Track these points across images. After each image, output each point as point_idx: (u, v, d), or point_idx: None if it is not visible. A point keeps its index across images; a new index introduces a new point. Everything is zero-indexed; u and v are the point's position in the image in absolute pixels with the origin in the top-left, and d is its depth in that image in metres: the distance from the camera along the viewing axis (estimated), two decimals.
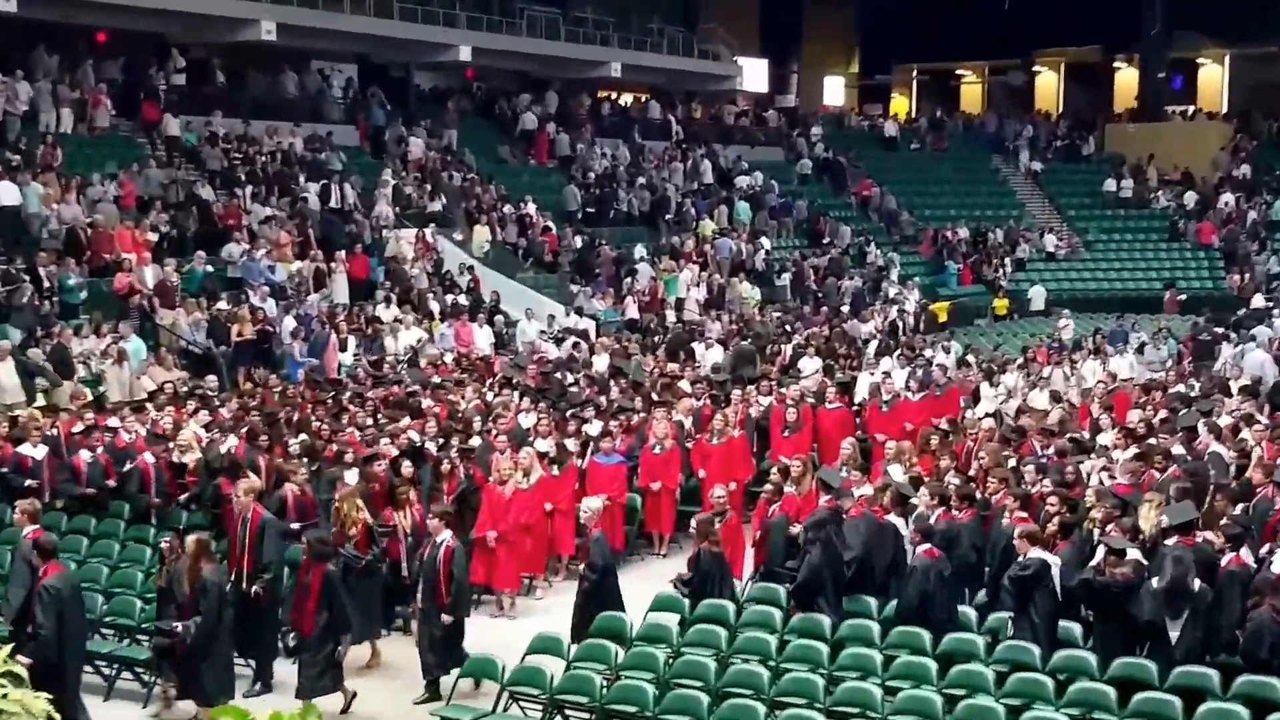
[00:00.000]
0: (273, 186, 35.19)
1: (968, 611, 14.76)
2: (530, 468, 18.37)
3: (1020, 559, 14.08)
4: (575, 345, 31.05)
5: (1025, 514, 15.38)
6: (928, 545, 14.62)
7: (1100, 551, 14.05)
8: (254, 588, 15.09)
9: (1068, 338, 36.22)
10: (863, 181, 52.25)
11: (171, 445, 19.39)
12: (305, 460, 18.62)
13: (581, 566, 15.70)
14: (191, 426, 20.20)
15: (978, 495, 16.41)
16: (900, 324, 38.33)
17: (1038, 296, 46.55)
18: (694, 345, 31.59)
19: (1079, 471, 17.42)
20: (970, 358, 31.01)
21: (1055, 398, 24.54)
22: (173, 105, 36.47)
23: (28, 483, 18.58)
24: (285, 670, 15.15)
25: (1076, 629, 14.03)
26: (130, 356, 25.49)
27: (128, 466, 19.01)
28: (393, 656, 16.15)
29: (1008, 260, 49.30)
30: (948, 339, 35.03)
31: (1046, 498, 15.66)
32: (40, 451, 19.11)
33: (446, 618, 14.71)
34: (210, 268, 30.57)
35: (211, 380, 24.87)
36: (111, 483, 18.93)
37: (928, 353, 30.98)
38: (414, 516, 16.57)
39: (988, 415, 22.74)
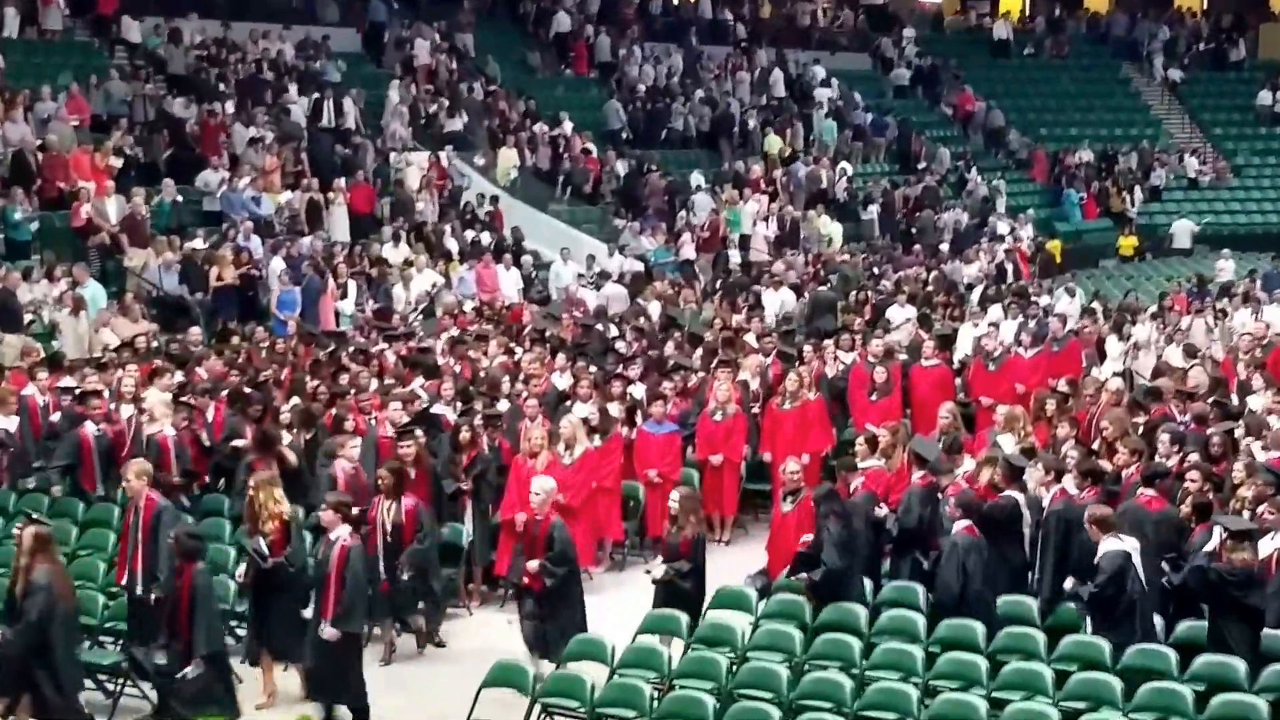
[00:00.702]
0: (258, 103, 35.22)
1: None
2: (573, 440, 18.38)
3: (1097, 560, 14.18)
4: (637, 291, 31.04)
5: (1154, 493, 15.35)
6: (968, 522, 14.82)
7: (1217, 534, 14.05)
8: (153, 594, 14.73)
9: (1224, 283, 35.90)
10: (962, 94, 51.94)
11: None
12: (301, 429, 18.73)
13: (533, 564, 15.20)
14: (155, 390, 20.27)
15: (1107, 470, 16.30)
16: (1011, 266, 38.18)
17: (1182, 232, 46.19)
18: (761, 290, 31.45)
19: (1227, 442, 17.29)
20: (1096, 306, 30.81)
21: (1190, 352, 24.33)
22: (136, 4, 36.48)
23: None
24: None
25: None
26: (88, 305, 25.62)
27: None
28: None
29: (1139, 189, 48.96)
30: (1069, 281, 34.82)
31: (1186, 474, 15.57)
32: (13, 423, 19.23)
33: (330, 632, 14.27)
34: (180, 198, 30.69)
35: (195, 333, 24.96)
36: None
37: (1043, 300, 30.82)
38: (403, 507, 16.28)
39: (1115, 375, 22.60)
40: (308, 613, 14.73)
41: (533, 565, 15.21)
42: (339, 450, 17.45)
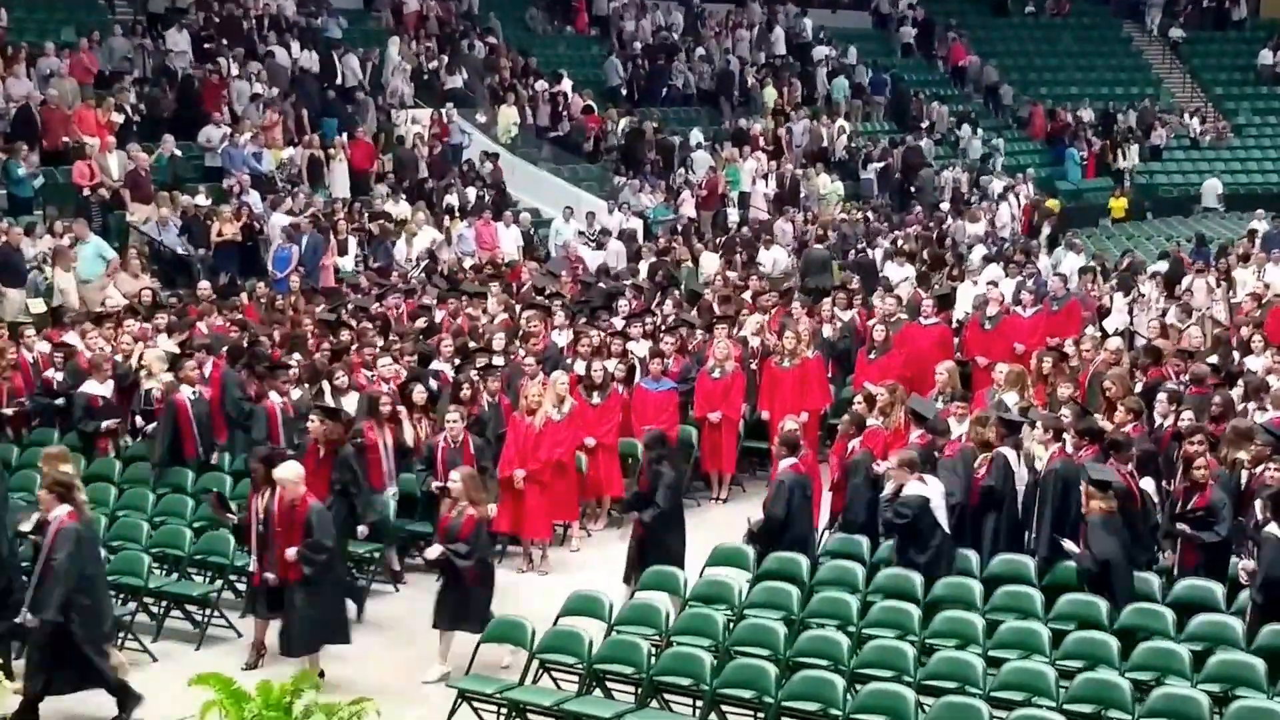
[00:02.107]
0: (259, 58, 35.06)
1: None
2: (563, 395, 18.35)
3: (898, 499, 14.60)
4: (657, 244, 30.93)
5: (1115, 461, 15.29)
6: (794, 460, 15.42)
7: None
8: None
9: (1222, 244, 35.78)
10: (954, 47, 51.66)
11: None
12: (306, 385, 18.68)
13: (291, 551, 14.38)
14: (163, 345, 20.20)
15: (1105, 429, 16.21)
16: (1020, 224, 38.36)
17: (1209, 191, 45.93)
18: (759, 247, 31.37)
19: (1227, 403, 17.21)
20: (1094, 265, 30.70)
21: (1186, 311, 24.23)
22: None
23: (105, 425, 18.85)
24: None
25: (1218, 590, 13.95)
26: (79, 260, 25.45)
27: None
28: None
29: (1135, 146, 48.76)
30: (1073, 236, 34.73)
31: (1187, 436, 15.45)
32: (108, 388, 19.10)
33: (34, 619, 13.17)
34: (179, 152, 30.59)
35: (205, 288, 24.80)
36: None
37: (1044, 260, 30.72)
38: (268, 498, 14.92)
39: (1116, 334, 22.52)
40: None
41: (291, 553, 14.43)
42: (441, 424, 17.50)
